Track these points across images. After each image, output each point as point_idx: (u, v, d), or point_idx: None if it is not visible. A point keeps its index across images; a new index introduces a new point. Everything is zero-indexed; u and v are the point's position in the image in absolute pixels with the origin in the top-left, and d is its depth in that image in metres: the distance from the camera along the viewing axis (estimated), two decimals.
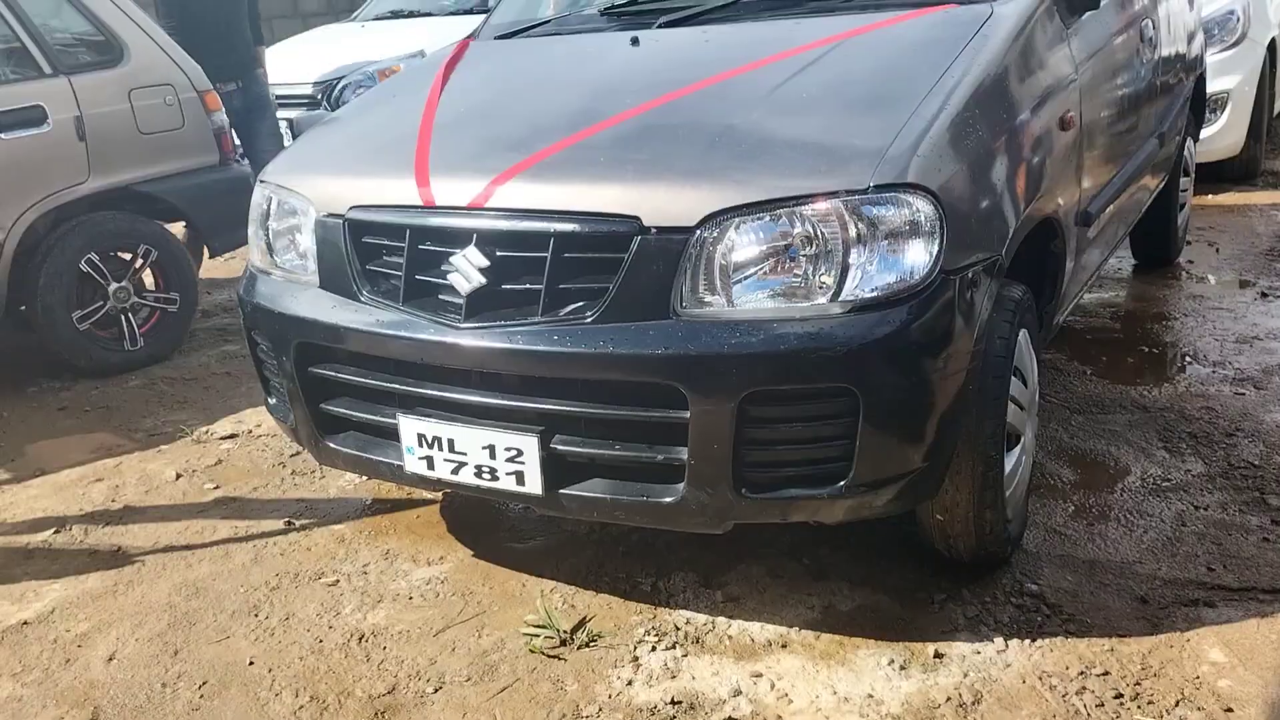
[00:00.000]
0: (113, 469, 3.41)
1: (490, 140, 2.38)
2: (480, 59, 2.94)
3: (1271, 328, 3.79)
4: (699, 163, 2.09)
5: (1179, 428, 3.05)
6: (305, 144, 2.76)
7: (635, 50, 2.62)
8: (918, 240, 1.97)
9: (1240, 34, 5.75)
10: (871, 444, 2.00)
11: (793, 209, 1.98)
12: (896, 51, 2.34)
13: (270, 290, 2.54)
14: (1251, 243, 4.88)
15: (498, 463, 2.19)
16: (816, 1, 2.68)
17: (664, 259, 2.02)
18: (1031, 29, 2.45)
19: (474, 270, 2.16)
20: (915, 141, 2.00)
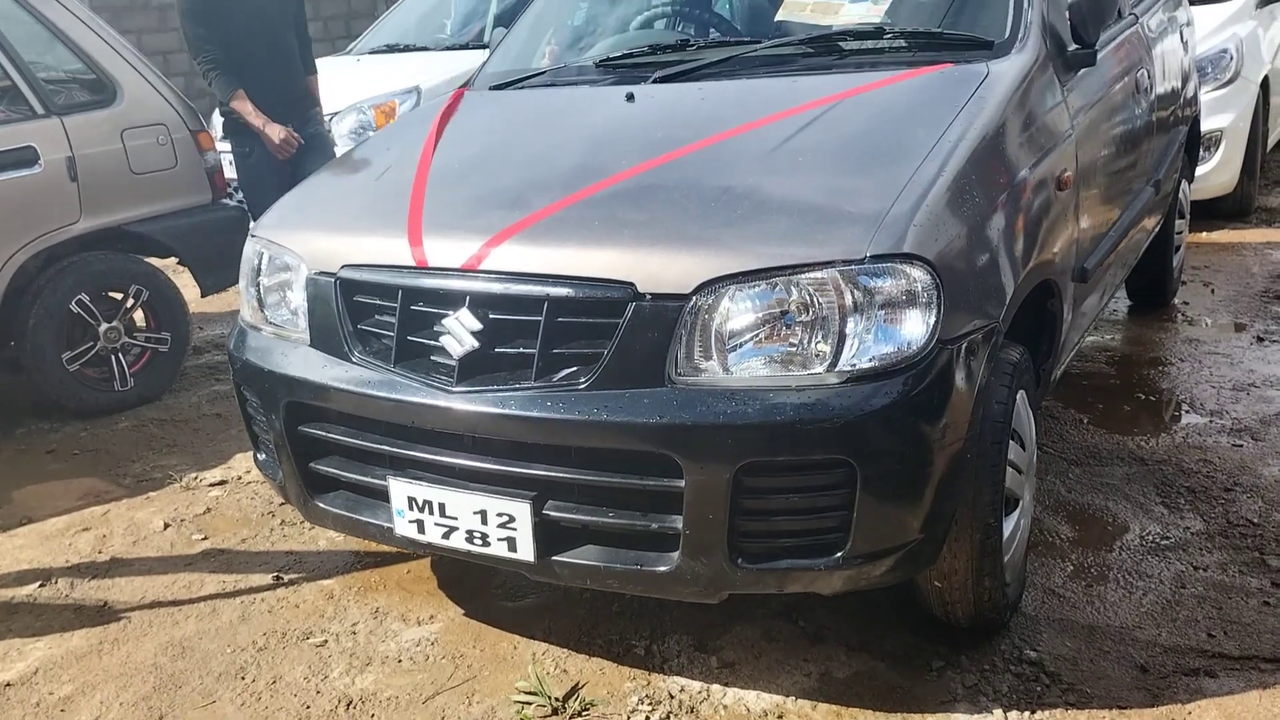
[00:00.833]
0: (100, 517, 3.37)
1: (484, 200, 2.36)
2: (475, 112, 2.92)
3: (1267, 374, 3.78)
4: (694, 228, 2.07)
5: (1177, 482, 3.03)
6: (298, 197, 2.74)
7: (631, 107, 2.60)
8: (915, 310, 1.95)
9: (1234, 73, 5.77)
10: (869, 515, 1.97)
11: (789, 277, 1.96)
12: (893, 114, 2.32)
13: (260, 347, 2.51)
14: (1246, 283, 4.87)
15: (489, 528, 2.16)
16: (812, 57, 2.67)
17: (659, 326, 2.00)
18: (1027, 89, 2.44)
19: (466, 334, 2.13)
20: (912, 210, 1.98)
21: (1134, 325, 4.45)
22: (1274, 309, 4.49)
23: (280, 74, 4.47)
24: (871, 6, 2.73)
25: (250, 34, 4.38)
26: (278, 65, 4.47)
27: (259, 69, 4.39)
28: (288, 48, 4.54)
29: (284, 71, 4.50)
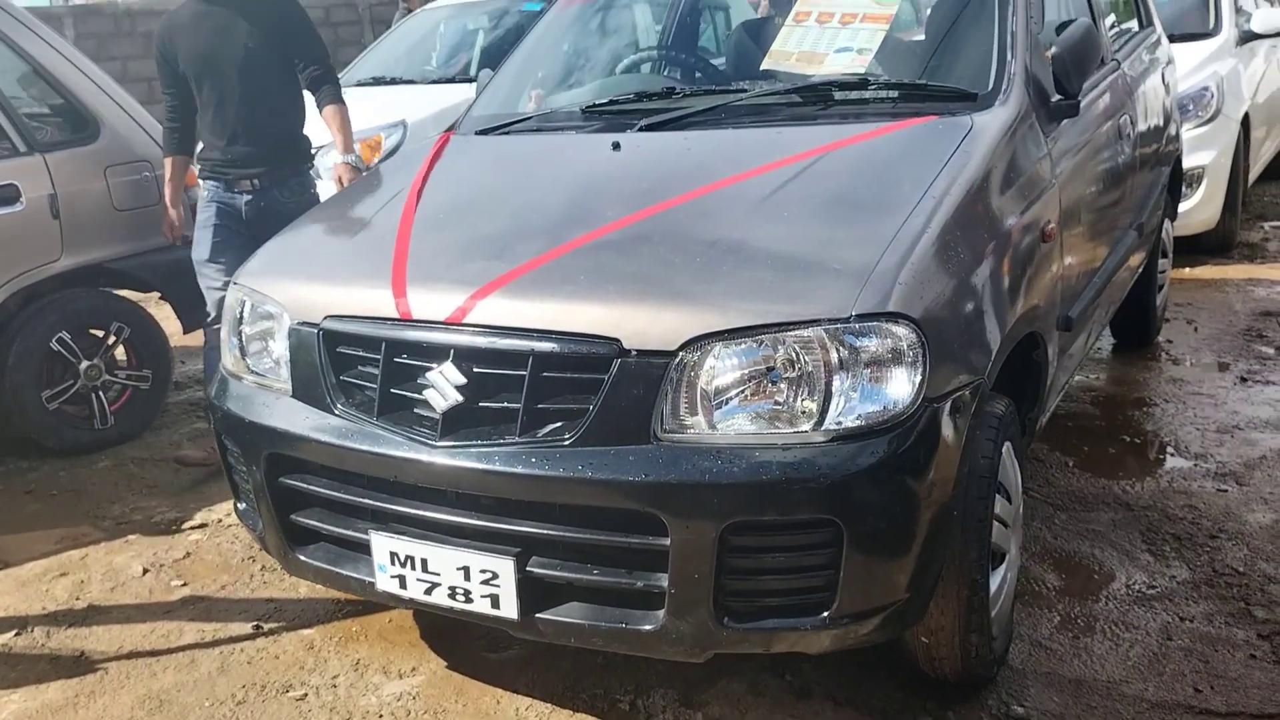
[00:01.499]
0: (78, 561, 3.33)
1: (469, 251, 2.35)
2: (460, 158, 2.91)
3: (1251, 416, 3.79)
4: (680, 283, 2.06)
5: (1162, 528, 3.02)
6: (281, 244, 2.72)
7: (617, 156, 2.60)
8: (900, 369, 1.94)
9: (1215, 110, 5.82)
10: (856, 574, 1.96)
11: (775, 335, 1.95)
12: (878, 168, 2.33)
13: (242, 397, 2.49)
14: (1229, 321, 4.90)
15: (472, 585, 2.13)
16: (798, 107, 2.67)
17: (644, 382, 1.98)
18: (1011, 141, 2.45)
19: (450, 388, 2.11)
20: (897, 267, 1.98)
21: (1118, 364, 4.46)
22: (1256, 348, 4.51)
23: (249, 127, 3.74)
24: (855, 57, 2.74)
25: (208, 79, 3.73)
26: (246, 116, 3.73)
27: (219, 120, 3.75)
28: (264, 95, 3.74)
29: (254, 124, 3.74)
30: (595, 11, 3.54)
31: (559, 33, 3.54)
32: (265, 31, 3.72)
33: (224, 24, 3.71)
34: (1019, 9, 2.70)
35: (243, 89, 3.72)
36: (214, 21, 3.73)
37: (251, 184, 3.80)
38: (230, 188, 3.82)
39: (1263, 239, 6.42)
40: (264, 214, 3.77)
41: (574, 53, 3.50)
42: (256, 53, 3.71)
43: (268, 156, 3.80)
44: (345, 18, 12.48)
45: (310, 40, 3.87)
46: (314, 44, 3.89)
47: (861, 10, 2.83)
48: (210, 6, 3.73)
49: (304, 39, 3.84)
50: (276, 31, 3.75)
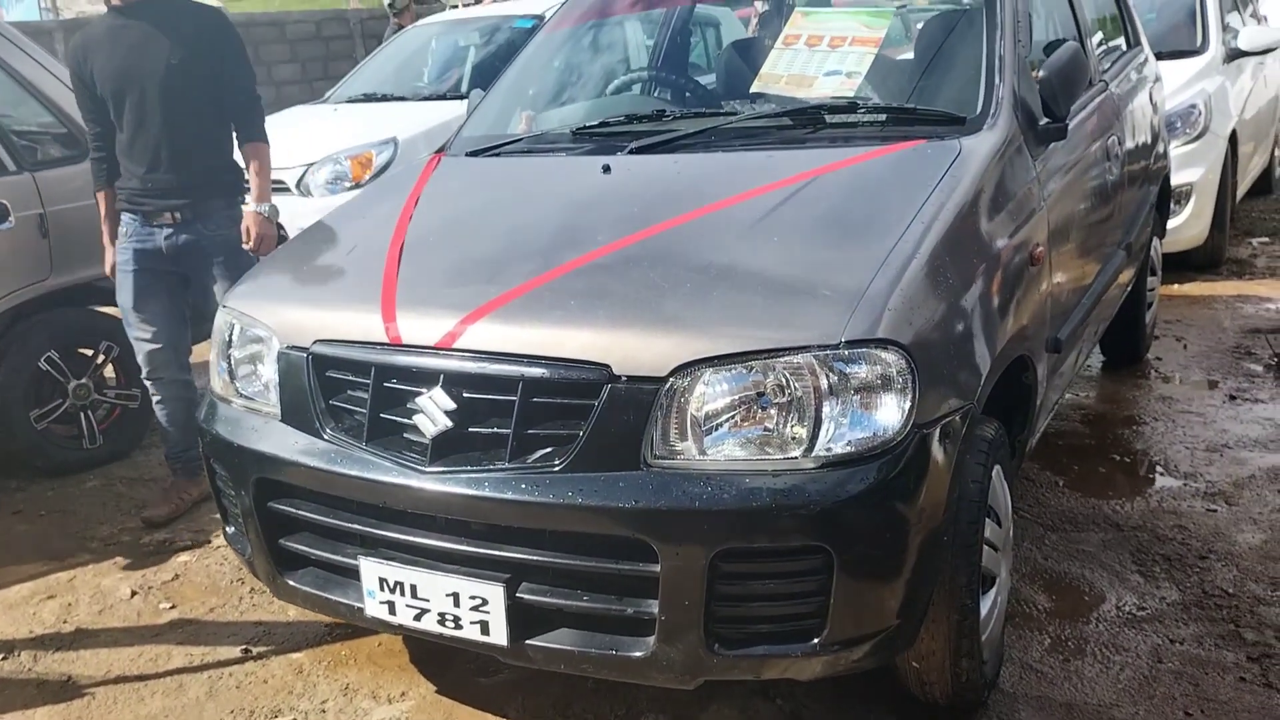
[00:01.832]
0: (66, 584, 3.31)
1: (459, 275, 2.34)
2: (450, 180, 2.91)
3: (1240, 434, 3.80)
4: (670, 309, 2.06)
5: (1152, 549, 3.03)
6: (270, 267, 2.72)
7: (607, 179, 2.60)
8: (890, 395, 1.94)
9: (1202, 127, 5.85)
10: (846, 601, 1.95)
11: (765, 361, 1.96)
12: (867, 193, 2.33)
13: (230, 421, 2.48)
14: (1218, 338, 4.91)
15: (462, 611, 2.12)
16: (787, 130, 2.68)
17: (634, 408, 1.98)
18: (1000, 165, 2.46)
19: (440, 413, 2.11)
20: (886, 293, 1.99)
21: (1108, 382, 4.47)
22: (1245, 365, 4.52)
23: (172, 153, 3.40)
24: (844, 80, 2.75)
25: (127, 99, 3.39)
26: (168, 141, 3.39)
27: (137, 145, 3.42)
28: (189, 118, 3.40)
29: (177, 149, 3.41)
30: (586, 32, 3.54)
31: (550, 53, 3.54)
32: (191, 47, 3.38)
33: (144, 38, 3.36)
34: (1007, 33, 2.71)
35: (165, 110, 3.37)
36: (133, 35, 3.37)
37: (172, 217, 3.44)
38: (148, 221, 3.47)
39: (1251, 255, 6.44)
40: (187, 250, 3.47)
41: (564, 73, 3.50)
42: (181, 70, 3.35)
43: (191, 186, 3.44)
44: (336, 32, 12.50)
45: (240, 64, 3.51)
46: (243, 69, 3.53)
47: (850, 34, 2.84)
48: (128, 20, 3.38)
49: (234, 61, 3.49)
50: (205, 48, 3.41)
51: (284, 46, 11.88)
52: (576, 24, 3.54)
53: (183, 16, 3.43)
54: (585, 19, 3.53)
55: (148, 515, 3.68)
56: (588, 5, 3.53)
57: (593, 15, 3.52)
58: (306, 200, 5.62)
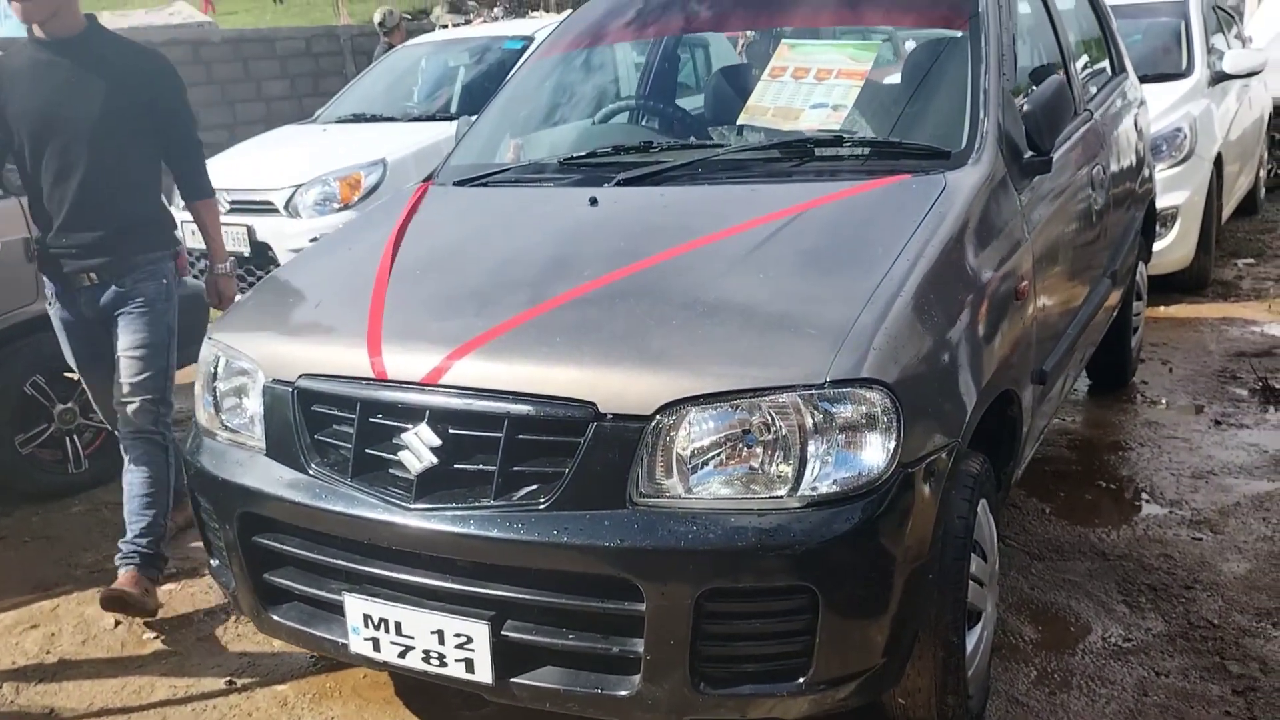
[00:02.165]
0: (49, 613, 3.28)
1: (445, 309, 2.34)
2: (438, 211, 2.91)
3: (1225, 460, 3.82)
4: (656, 346, 2.06)
5: (1138, 578, 3.04)
6: (256, 299, 2.71)
7: (594, 212, 2.60)
8: (875, 435, 1.95)
9: (1188, 150, 5.89)
10: (832, 640, 1.95)
11: (751, 399, 1.96)
12: (853, 229, 2.34)
13: (215, 454, 2.47)
14: (1204, 362, 4.94)
15: (446, 649, 2.12)
16: (774, 163, 2.69)
17: (620, 446, 1.98)
18: (984, 200, 2.47)
19: (425, 450, 2.11)
20: (871, 332, 1.99)
21: (1094, 406, 4.49)
22: (1230, 390, 4.55)
23: (94, 206, 3.06)
24: (830, 113, 2.76)
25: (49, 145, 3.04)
26: (91, 194, 3.05)
27: (56, 197, 3.07)
28: (117, 169, 3.08)
29: (100, 203, 3.06)
30: (573, 59, 3.55)
31: (538, 81, 3.55)
32: (128, 94, 3.05)
33: (72, 79, 3.01)
34: (992, 67, 2.72)
35: (91, 160, 3.02)
36: (59, 74, 3.01)
37: (89, 278, 3.09)
38: (67, 286, 3.12)
39: (1236, 276, 6.49)
40: (111, 308, 3.13)
41: (552, 101, 3.51)
42: (113, 119, 3.03)
43: (114, 244, 3.08)
44: (326, 48, 12.50)
45: (181, 114, 3.18)
46: (184, 118, 3.20)
47: (836, 66, 2.85)
48: (55, 56, 3.02)
49: (174, 111, 3.16)
50: (142, 95, 3.07)
51: (274, 63, 11.87)
52: (564, 51, 3.55)
53: (119, 57, 3.09)
54: (573, 46, 3.53)
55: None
56: (575, 33, 3.54)
57: (580, 43, 3.53)
58: (295, 221, 5.63)
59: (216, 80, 11.14)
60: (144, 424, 3.20)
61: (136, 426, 3.19)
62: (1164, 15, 7.05)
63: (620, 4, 3.49)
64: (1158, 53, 6.82)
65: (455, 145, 3.41)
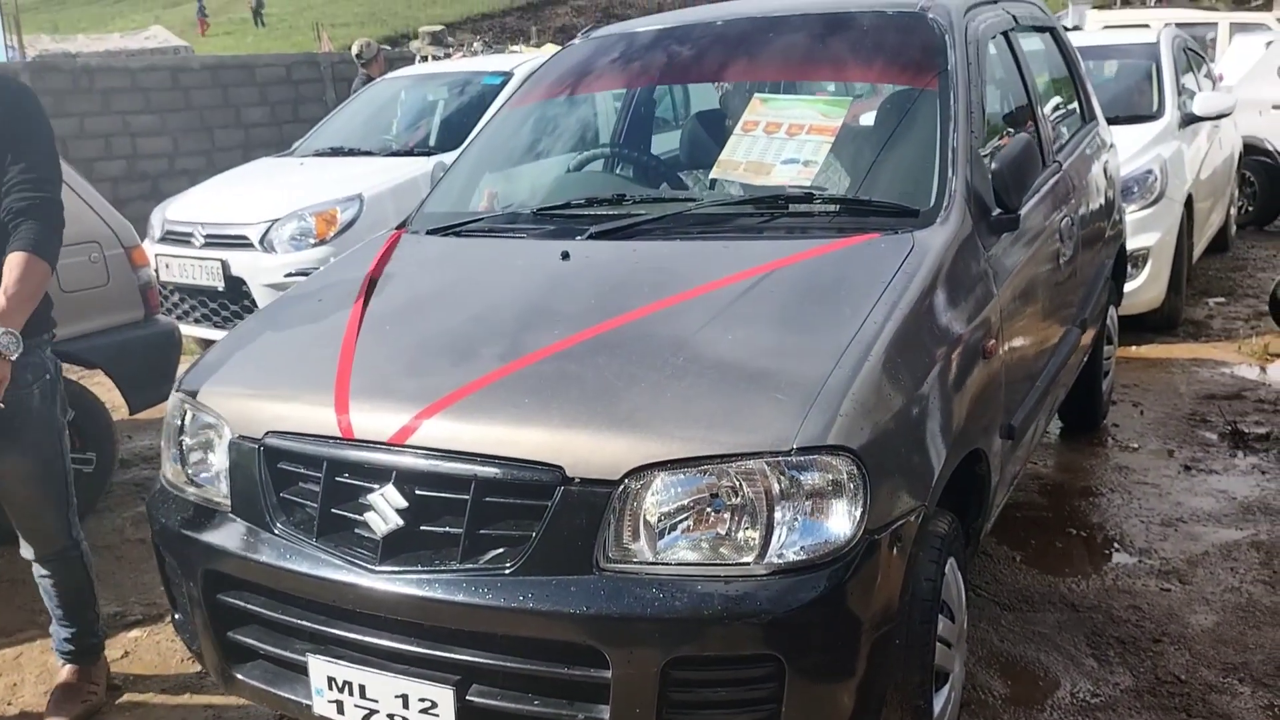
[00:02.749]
0: (12, 661, 3.24)
1: (415, 366, 2.33)
2: (410, 262, 2.90)
3: (1194, 507, 3.84)
4: (625, 409, 2.06)
5: (1107, 631, 3.04)
6: (224, 351, 2.69)
7: (566, 266, 2.61)
8: (841, 502, 1.95)
9: (1159, 193, 5.96)
10: (798, 707, 1.95)
11: (718, 465, 1.96)
12: (822, 290, 2.35)
13: (180, 510, 2.45)
14: (1174, 404, 4.98)
15: (411, 713, 2.10)
16: (745, 219, 2.70)
17: (587, 511, 1.98)
18: (952, 260, 2.49)
19: (391, 512, 2.10)
20: (838, 398, 2.00)
21: (1066, 450, 4.51)
22: (1200, 434, 4.58)
23: None
24: (801, 169, 2.78)
25: None
26: None
27: None
28: None
29: None
30: (550, 107, 3.57)
31: (513, 127, 3.56)
32: None
33: None
34: (960, 125, 2.75)
35: None
36: None
37: None
38: None
39: (1207, 316, 6.55)
40: None
41: (527, 148, 3.52)
42: None
43: None
44: (306, 75, 12.49)
45: (38, 154, 2.61)
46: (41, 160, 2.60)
47: (808, 122, 2.88)
48: None
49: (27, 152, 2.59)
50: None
51: (254, 89, 11.85)
52: (541, 99, 3.56)
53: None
54: (547, 95, 3.55)
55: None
56: (550, 81, 3.55)
57: (554, 91, 3.54)
58: (270, 256, 5.61)
59: (195, 107, 11.11)
60: (50, 548, 2.88)
61: (43, 553, 2.88)
62: (1136, 57, 7.16)
63: (594, 55, 3.51)
64: (1129, 94, 6.93)
65: (429, 191, 3.41)
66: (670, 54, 3.41)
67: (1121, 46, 7.47)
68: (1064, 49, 4.37)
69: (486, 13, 43.01)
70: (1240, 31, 14.50)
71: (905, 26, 3.08)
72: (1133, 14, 19.41)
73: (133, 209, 10.28)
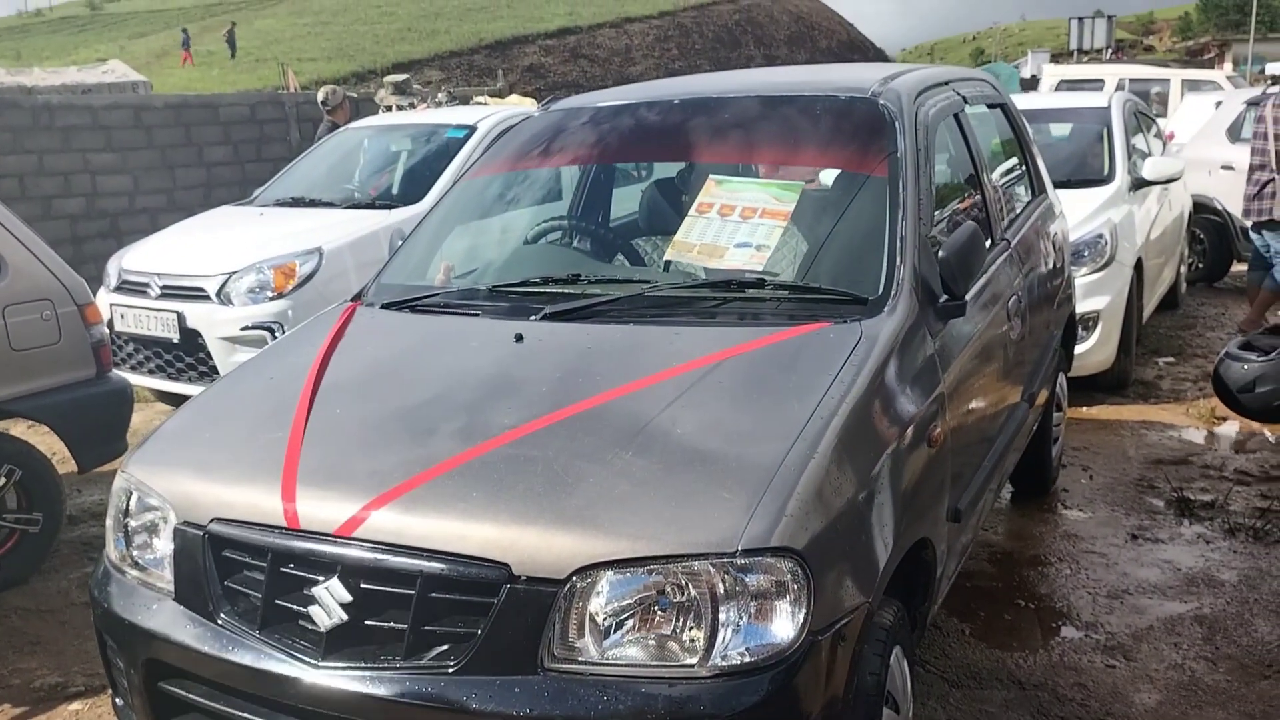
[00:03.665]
0: None
1: (363, 453, 2.32)
2: (363, 339, 2.90)
3: (1140, 579, 3.90)
4: (572, 507, 2.06)
5: (1053, 710, 3.07)
6: (173, 430, 2.67)
7: (519, 349, 2.62)
8: (785, 603, 1.97)
9: (1109, 256, 6.08)
10: None
11: (664, 564, 1.97)
12: (771, 382, 2.37)
13: (123, 594, 2.43)
14: (1123, 469, 5.06)
15: None
16: (698, 303, 2.73)
17: (533, 610, 1.98)
18: (900, 350, 2.53)
19: (336, 606, 2.10)
20: (784, 499, 2.02)
21: (1016, 516, 4.57)
22: (1147, 500, 4.66)
23: None
24: (754, 254, 2.82)
25: None
26: None
27: None
28: None
29: None
30: (508, 179, 3.59)
31: (472, 198, 3.58)
32: None
33: None
34: (909, 213, 2.80)
35: None
36: None
37: None
38: None
39: (1156, 376, 6.68)
40: None
41: (485, 219, 3.54)
42: None
43: None
44: (271, 115, 12.46)
45: None
46: None
47: (761, 206, 2.92)
48: None
49: None
50: None
51: (217, 129, 11.81)
52: (499, 171, 3.59)
53: None
54: (507, 167, 3.58)
55: None
56: (510, 153, 3.58)
57: (515, 164, 3.57)
58: (227, 309, 5.57)
59: (157, 145, 11.05)
60: None
61: None
62: (1087, 120, 7.32)
63: (553, 129, 3.54)
64: (1081, 157, 7.08)
65: (387, 261, 3.41)
66: (627, 131, 3.45)
67: (1073, 110, 7.65)
68: (1014, 123, 4.47)
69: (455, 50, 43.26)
70: (1192, 90, 14.91)
71: (857, 112, 3.14)
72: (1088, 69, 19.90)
73: (90, 247, 10.22)
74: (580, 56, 46.73)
